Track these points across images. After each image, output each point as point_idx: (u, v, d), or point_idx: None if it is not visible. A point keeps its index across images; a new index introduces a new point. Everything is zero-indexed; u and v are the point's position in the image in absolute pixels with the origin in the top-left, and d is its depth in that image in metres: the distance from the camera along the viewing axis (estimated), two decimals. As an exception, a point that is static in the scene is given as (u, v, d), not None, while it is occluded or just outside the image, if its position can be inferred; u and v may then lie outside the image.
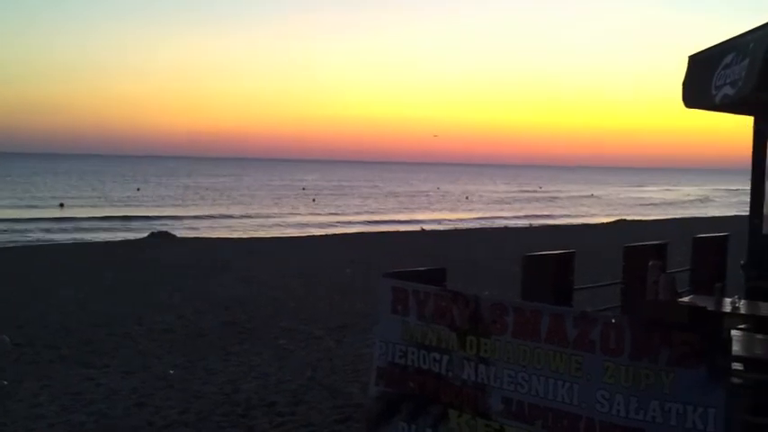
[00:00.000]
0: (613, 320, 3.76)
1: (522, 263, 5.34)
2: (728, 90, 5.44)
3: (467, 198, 75.32)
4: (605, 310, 6.05)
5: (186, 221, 39.73)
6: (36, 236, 31.59)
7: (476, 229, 38.34)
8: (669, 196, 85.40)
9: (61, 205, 49.34)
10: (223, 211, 49.01)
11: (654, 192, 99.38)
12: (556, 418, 3.76)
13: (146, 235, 30.49)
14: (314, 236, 32.19)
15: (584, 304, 6.76)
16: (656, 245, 6.85)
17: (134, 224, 37.37)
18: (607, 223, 40.97)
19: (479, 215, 50.83)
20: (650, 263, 4.60)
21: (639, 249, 6.67)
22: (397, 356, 4.28)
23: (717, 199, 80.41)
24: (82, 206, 48.51)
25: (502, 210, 57.61)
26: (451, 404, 4.07)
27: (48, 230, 33.82)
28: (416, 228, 38.42)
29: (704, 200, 79.00)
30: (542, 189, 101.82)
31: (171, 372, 9.27)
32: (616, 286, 7.21)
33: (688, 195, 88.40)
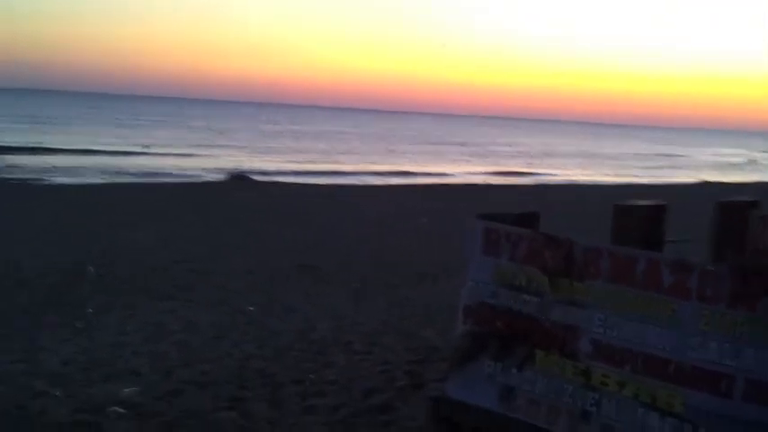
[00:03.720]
0: (711, 268, 3.67)
1: (612, 212, 5.20)
2: None
3: (545, 154, 74.11)
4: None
5: (265, 166, 40.11)
6: (122, 176, 32.31)
7: (562, 184, 37.81)
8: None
9: (145, 147, 50.29)
10: (302, 157, 49.32)
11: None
12: (645, 361, 3.71)
13: (224, 177, 30.94)
14: (392, 185, 32.16)
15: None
16: (750, 201, 6.62)
17: (214, 166, 37.93)
18: (690, 184, 40.07)
19: (561, 170, 49.95)
20: (752, 212, 4.46)
21: (732, 205, 6.46)
22: (486, 296, 4.26)
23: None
24: (165, 149, 49.29)
25: (578, 166, 56.50)
26: (539, 344, 4.05)
27: (132, 170, 34.51)
28: (496, 180, 38.10)
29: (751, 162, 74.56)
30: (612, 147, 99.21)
31: (250, 308, 9.43)
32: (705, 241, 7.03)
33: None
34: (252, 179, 30.53)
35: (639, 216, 5.39)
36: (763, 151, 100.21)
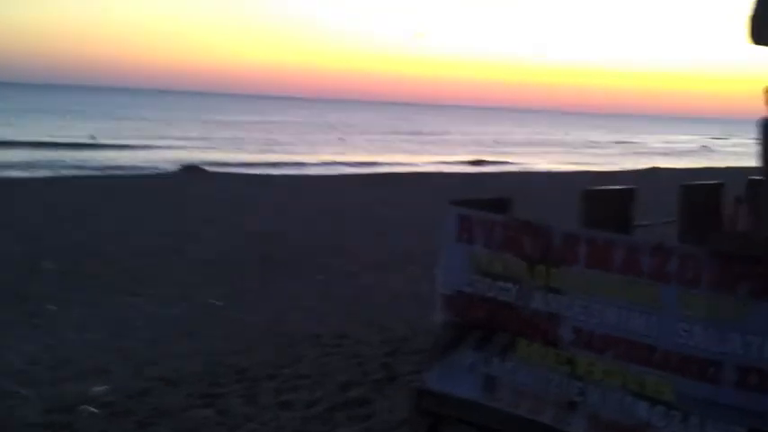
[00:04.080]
0: (691, 251, 3.70)
1: (581, 197, 5.24)
2: None
3: (495, 142, 74.36)
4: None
5: (216, 157, 39.66)
6: (69, 168, 31.69)
7: (511, 171, 37.97)
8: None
9: (92, 138, 49.29)
10: (253, 147, 48.95)
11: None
12: (629, 348, 3.73)
13: (177, 169, 30.52)
14: (345, 175, 32.03)
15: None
16: (715, 184, 6.74)
17: (166, 158, 37.43)
18: (640, 170, 40.52)
19: (509, 158, 50.12)
20: (734, 197, 4.53)
21: (697, 188, 6.58)
22: (463, 285, 4.23)
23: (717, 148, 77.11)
24: (113, 141, 48.39)
25: (528, 154, 56.68)
26: (520, 333, 4.04)
27: (80, 163, 33.89)
28: (453, 168, 38.07)
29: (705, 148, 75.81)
30: (569, 135, 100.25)
31: (215, 302, 9.34)
32: (672, 225, 7.13)
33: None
34: (205, 170, 30.19)
35: (609, 200, 5.45)
36: (716, 138, 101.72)
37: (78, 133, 52.48)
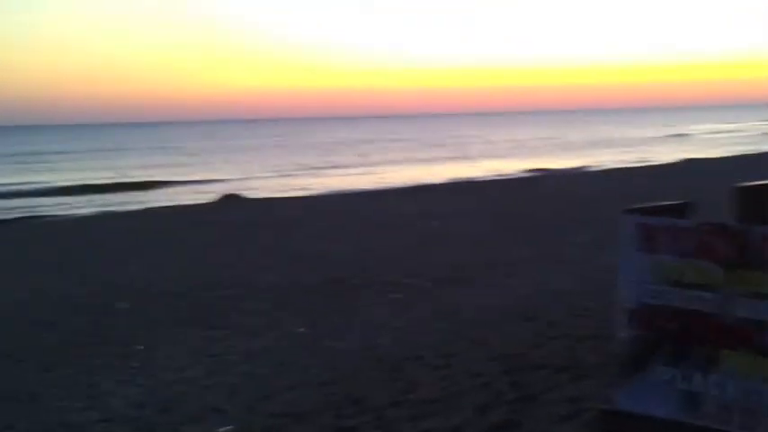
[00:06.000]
0: None
1: (736, 195, 4.94)
2: None
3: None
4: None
5: (249, 183, 39.45)
6: (108, 205, 31.45)
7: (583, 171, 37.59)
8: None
9: (120, 176, 49.05)
10: (284, 170, 48.77)
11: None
12: None
13: (217, 198, 30.26)
14: (388, 190, 31.59)
15: None
16: None
17: (202, 188, 37.17)
18: (675, 162, 40.09)
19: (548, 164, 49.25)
20: None
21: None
22: (649, 297, 3.94)
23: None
24: (145, 176, 47.82)
25: (567, 156, 55.62)
26: (722, 343, 3.75)
27: (121, 201, 33.37)
28: (487, 176, 37.64)
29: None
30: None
31: (300, 330, 9.08)
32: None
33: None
34: (244, 197, 30.01)
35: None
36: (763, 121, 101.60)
37: (107, 170, 52.44)
